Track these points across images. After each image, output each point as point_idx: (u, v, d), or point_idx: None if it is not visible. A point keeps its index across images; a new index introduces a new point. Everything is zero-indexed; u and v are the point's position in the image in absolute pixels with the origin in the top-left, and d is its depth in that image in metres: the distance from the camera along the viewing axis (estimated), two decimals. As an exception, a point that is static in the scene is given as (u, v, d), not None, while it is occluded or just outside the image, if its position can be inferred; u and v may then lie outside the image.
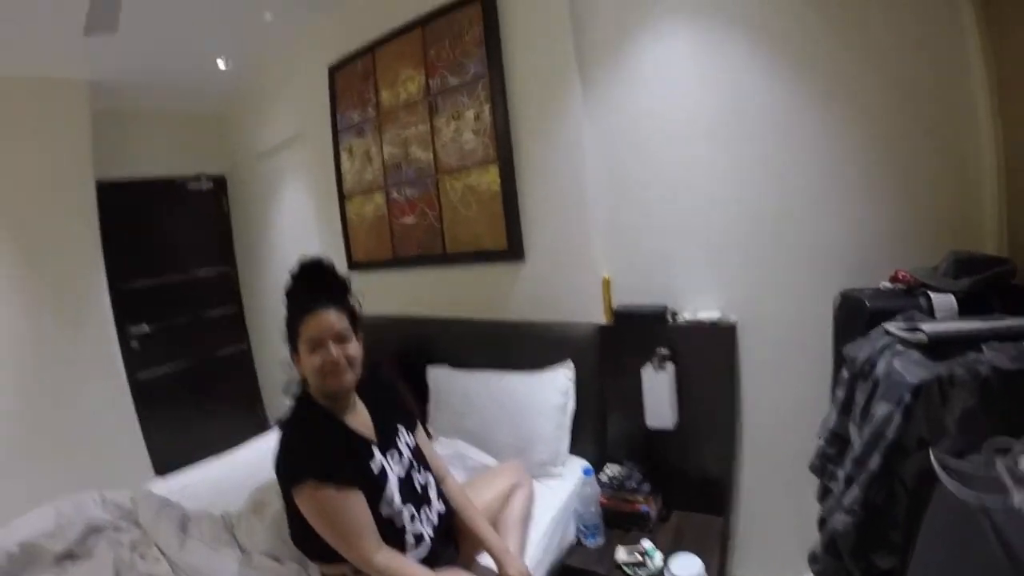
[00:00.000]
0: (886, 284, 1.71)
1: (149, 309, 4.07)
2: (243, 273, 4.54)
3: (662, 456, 2.28)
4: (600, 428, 2.40)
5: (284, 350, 3.26)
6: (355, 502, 1.43)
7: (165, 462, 3.80)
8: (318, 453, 1.46)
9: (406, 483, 1.59)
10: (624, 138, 2.25)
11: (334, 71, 3.20)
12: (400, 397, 1.85)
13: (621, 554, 2.05)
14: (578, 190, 2.31)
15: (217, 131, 4.50)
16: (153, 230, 4.15)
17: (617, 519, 2.22)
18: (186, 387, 4.27)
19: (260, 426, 4.45)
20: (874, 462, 1.19)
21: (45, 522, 1.98)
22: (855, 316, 1.64)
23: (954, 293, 1.46)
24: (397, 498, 1.53)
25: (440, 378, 2.64)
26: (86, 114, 3.42)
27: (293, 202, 3.88)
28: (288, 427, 1.56)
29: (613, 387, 2.34)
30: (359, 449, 1.55)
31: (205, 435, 4.30)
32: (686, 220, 2.16)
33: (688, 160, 2.12)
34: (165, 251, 4.22)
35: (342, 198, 3.20)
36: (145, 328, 4.04)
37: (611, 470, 2.32)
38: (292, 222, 3.91)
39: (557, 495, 2.21)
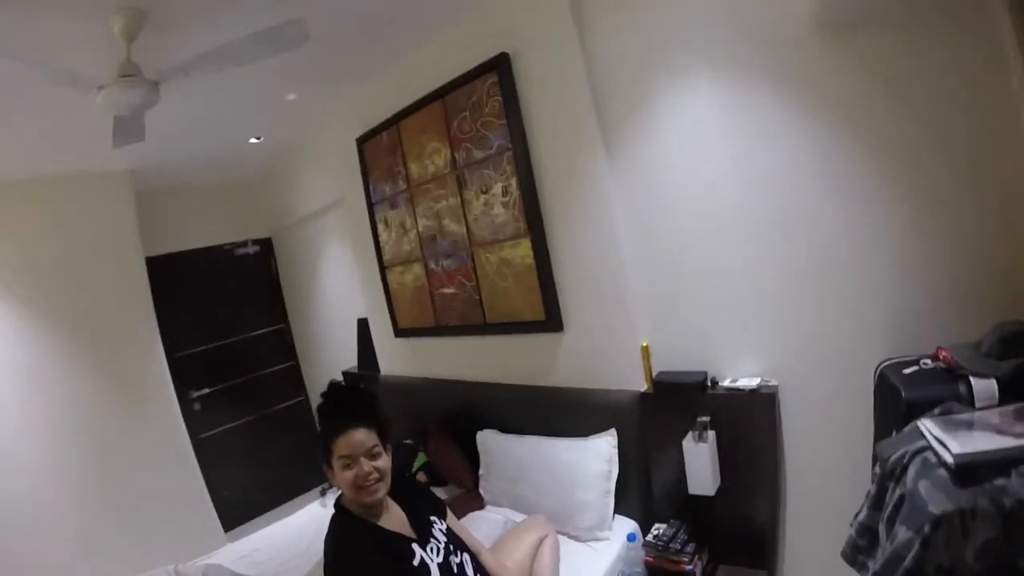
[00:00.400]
0: (927, 362, 1.67)
1: (207, 372, 4.31)
2: (295, 329, 4.73)
3: (707, 514, 2.33)
4: (645, 489, 2.47)
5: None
6: None
7: (232, 514, 4.09)
8: (363, 560, 1.58)
9: (445, 568, 1.70)
10: (654, 203, 2.27)
11: (362, 142, 3.33)
12: (428, 492, 1.98)
13: (672, 617, 2.12)
14: (612, 258, 2.36)
15: (259, 197, 4.72)
16: (205, 297, 4.38)
17: (664, 580, 2.29)
18: (247, 442, 4.50)
19: (319, 476, 4.66)
20: None
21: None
22: (891, 404, 1.64)
23: (997, 378, 1.43)
24: None
25: (490, 442, 2.75)
26: (130, 198, 3.68)
27: (338, 262, 4.04)
28: (332, 543, 1.67)
29: (656, 451, 2.40)
30: (399, 549, 1.66)
31: (269, 486, 4.55)
32: (723, 285, 2.17)
33: (722, 224, 2.12)
34: (219, 315, 4.44)
35: (382, 267, 3.32)
36: (205, 390, 4.28)
37: (657, 529, 2.39)
38: (338, 280, 4.08)
39: (604, 557, 2.29)
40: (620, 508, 2.48)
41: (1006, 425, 1.28)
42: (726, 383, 2.21)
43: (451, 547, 1.79)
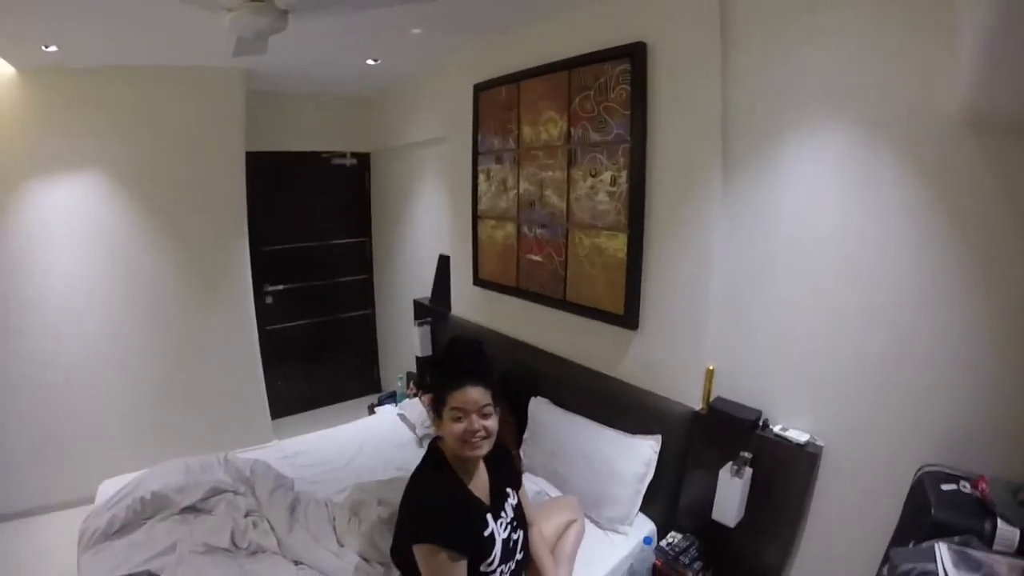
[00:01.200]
0: (966, 485, 1.69)
1: (285, 269, 4.53)
2: (376, 245, 4.88)
3: (722, 540, 2.41)
4: (672, 499, 2.57)
5: (403, 319, 3.53)
6: (459, 569, 1.67)
7: (280, 404, 4.36)
8: (444, 522, 1.65)
9: (506, 544, 1.82)
10: (757, 239, 2.25)
11: (479, 90, 3.34)
12: (512, 462, 2.07)
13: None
14: (702, 277, 2.37)
15: (365, 114, 4.80)
16: (297, 199, 4.55)
17: (668, 585, 2.42)
18: (310, 342, 4.75)
19: (371, 386, 4.94)
20: None
21: (176, 477, 2.46)
22: (920, 515, 1.67)
23: (1022, 530, 1.47)
24: (497, 561, 1.77)
25: (541, 411, 2.88)
26: (241, 95, 3.80)
27: (430, 196, 4.13)
28: (421, 484, 1.78)
29: (693, 468, 2.48)
30: (476, 516, 1.75)
31: (322, 386, 4.84)
32: (800, 340, 2.18)
33: (816, 284, 2.11)
34: (307, 218, 4.62)
35: (475, 216, 3.39)
36: (280, 286, 4.52)
37: (672, 538, 2.50)
38: (427, 212, 4.17)
39: (619, 550, 2.42)
40: (644, 508, 2.59)
41: None
42: (777, 428, 2.25)
43: (515, 523, 1.90)
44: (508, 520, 1.87)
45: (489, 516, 1.79)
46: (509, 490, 1.94)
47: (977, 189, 1.75)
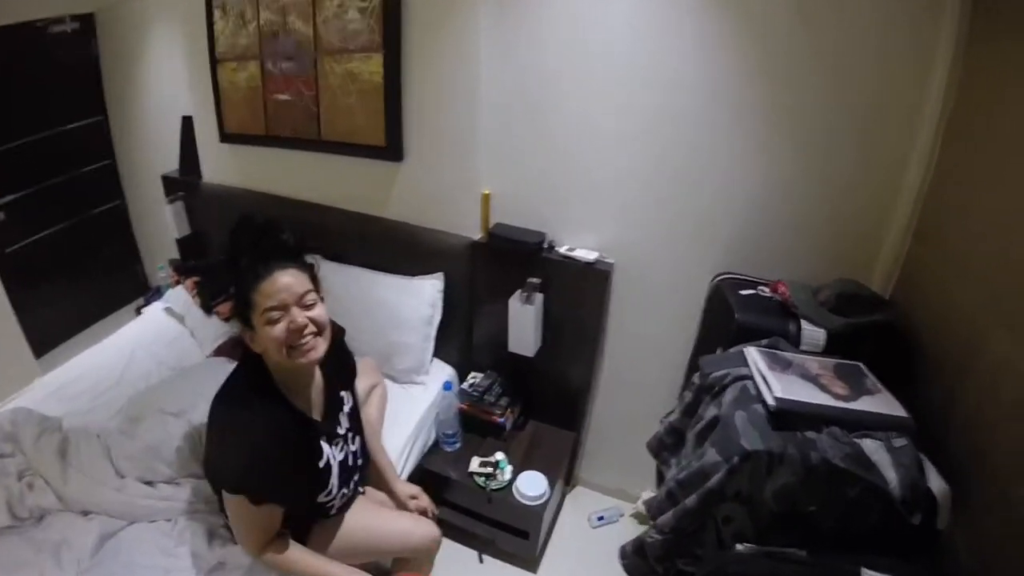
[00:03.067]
0: (764, 290, 1.69)
1: (14, 175, 3.67)
2: (115, 123, 4.11)
3: (524, 371, 2.38)
4: (466, 339, 2.46)
5: (160, 203, 3.01)
6: (272, 513, 1.38)
7: (46, 337, 3.73)
8: (256, 470, 1.30)
9: (344, 464, 1.53)
10: (528, 55, 1.99)
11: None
12: (346, 354, 1.74)
13: (475, 464, 2.18)
14: (468, 99, 2.12)
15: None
16: (8, 84, 3.63)
17: (475, 426, 2.34)
18: (62, 253, 4.00)
19: (138, 289, 4.32)
20: (691, 501, 1.25)
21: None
22: (722, 321, 1.66)
23: (827, 330, 1.49)
24: (336, 486, 1.50)
25: (319, 269, 2.57)
26: None
27: (168, 51, 3.43)
28: (227, 417, 1.35)
29: (482, 302, 2.35)
30: (309, 447, 1.43)
31: (84, 303, 4.16)
32: (580, 153, 2.03)
33: (594, 93, 1.94)
34: (25, 105, 3.71)
35: (214, 61, 2.85)
36: (9, 197, 3.66)
37: (474, 378, 2.41)
38: (166, 72, 3.49)
39: (420, 402, 2.30)
40: (440, 354, 2.47)
41: (826, 380, 1.32)
42: (563, 249, 2.15)
43: (350, 434, 1.59)
44: (344, 432, 1.56)
45: (323, 441, 1.47)
46: (344, 393, 1.61)
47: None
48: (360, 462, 1.65)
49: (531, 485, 2.13)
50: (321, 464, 1.45)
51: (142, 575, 1.56)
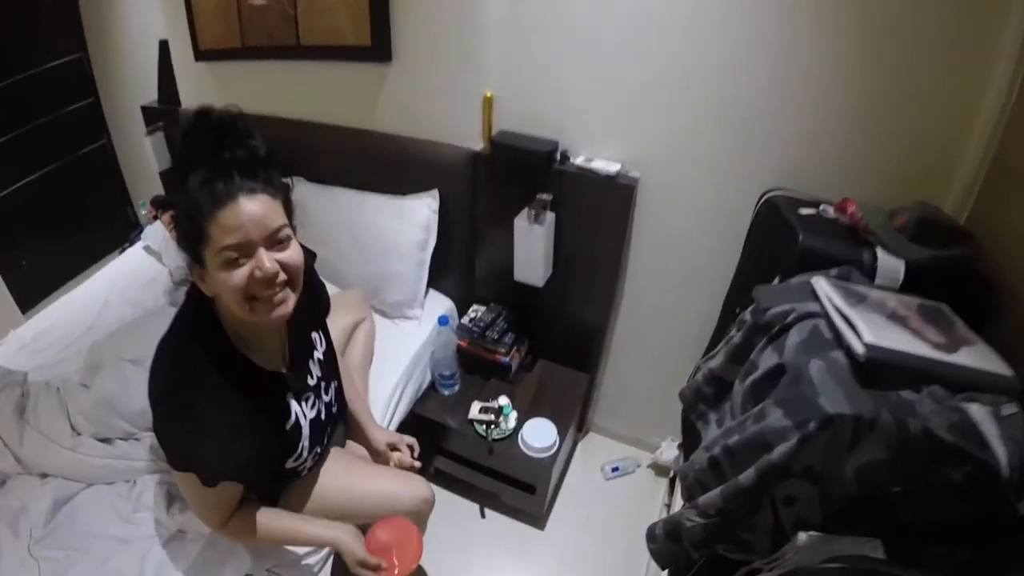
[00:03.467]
0: (827, 210, 1.40)
1: None
2: (96, 58, 3.88)
3: (532, 304, 2.12)
4: (466, 267, 2.19)
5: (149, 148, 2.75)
6: (230, 490, 1.15)
7: (36, 288, 3.59)
8: (204, 447, 1.06)
9: (315, 422, 1.29)
10: None
11: None
12: (318, 288, 1.45)
13: (475, 409, 1.94)
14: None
15: None
16: None
17: (476, 367, 2.11)
18: (47, 199, 3.83)
19: (130, 227, 4.14)
20: (747, 477, 0.95)
21: None
22: (779, 247, 1.36)
23: (907, 261, 1.20)
24: (306, 447, 1.26)
25: (300, 193, 2.31)
26: None
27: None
28: (167, 382, 1.08)
29: (485, 223, 2.07)
30: (272, 410, 1.19)
31: (75, 248, 3.99)
32: (603, 49, 1.69)
33: None
34: (3, 48, 3.50)
35: (185, -33, 2.57)
36: None
37: (475, 312, 2.16)
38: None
39: (413, 340, 2.07)
40: (437, 285, 2.23)
41: (916, 324, 1.01)
42: (579, 160, 1.84)
43: (323, 384, 1.34)
44: (315, 383, 1.31)
45: (290, 397, 1.22)
46: (315, 335, 1.36)
47: None
48: (335, 410, 1.40)
49: (539, 435, 1.89)
50: (288, 426, 1.21)
51: (97, 547, 1.37)
